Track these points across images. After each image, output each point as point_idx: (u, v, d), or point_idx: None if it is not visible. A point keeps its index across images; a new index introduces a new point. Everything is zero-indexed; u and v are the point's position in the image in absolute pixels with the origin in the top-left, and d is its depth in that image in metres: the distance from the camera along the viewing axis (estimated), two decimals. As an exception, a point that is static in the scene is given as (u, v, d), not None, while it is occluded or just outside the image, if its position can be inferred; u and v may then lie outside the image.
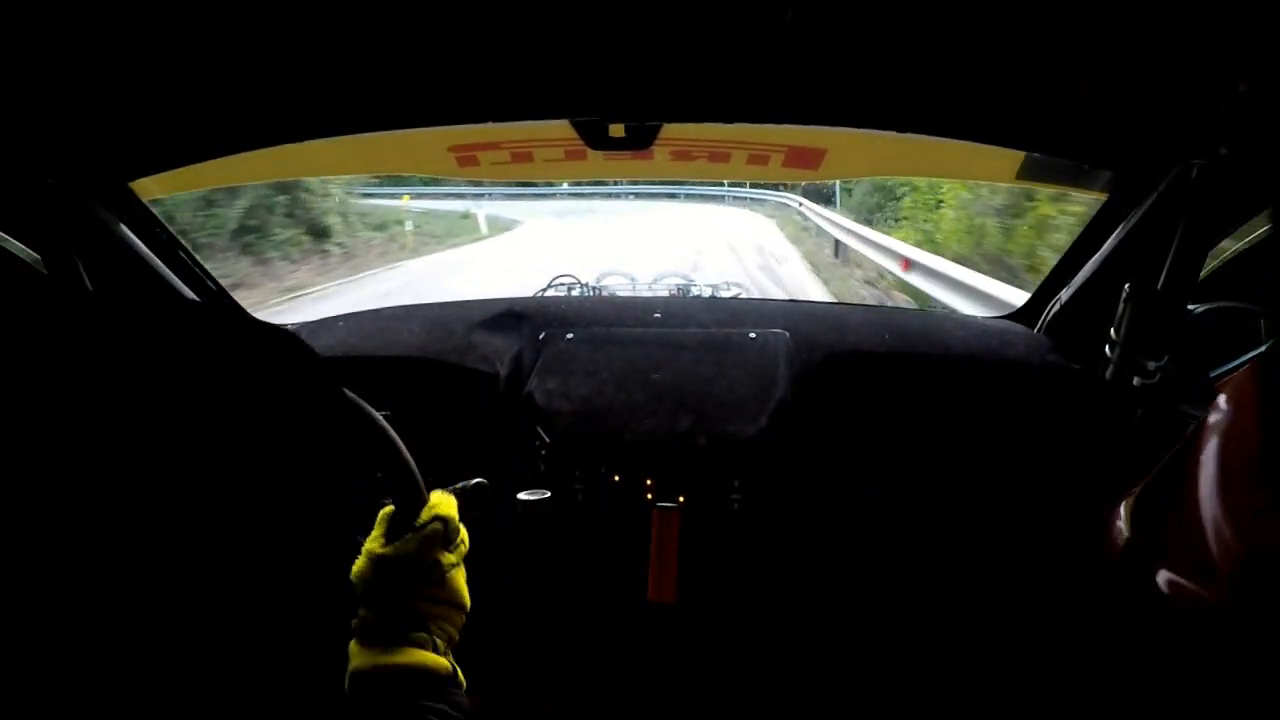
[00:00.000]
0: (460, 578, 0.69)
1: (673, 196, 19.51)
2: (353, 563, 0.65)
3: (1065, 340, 1.26)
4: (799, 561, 1.21)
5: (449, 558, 0.68)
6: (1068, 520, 1.15)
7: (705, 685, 1.19)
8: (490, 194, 18.06)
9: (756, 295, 1.92)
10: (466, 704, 0.63)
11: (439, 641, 0.65)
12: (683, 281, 1.85)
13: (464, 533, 0.71)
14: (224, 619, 0.40)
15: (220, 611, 0.40)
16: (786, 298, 1.61)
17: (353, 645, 0.62)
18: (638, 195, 19.85)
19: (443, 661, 0.64)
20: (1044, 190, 4.10)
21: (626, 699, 1.18)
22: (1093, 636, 1.12)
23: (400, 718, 0.58)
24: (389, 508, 0.67)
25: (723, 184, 16.79)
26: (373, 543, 0.66)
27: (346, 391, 0.60)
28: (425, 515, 0.67)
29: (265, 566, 0.54)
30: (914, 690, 1.21)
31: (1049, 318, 1.30)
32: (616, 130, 1.07)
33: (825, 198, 12.82)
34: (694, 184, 17.33)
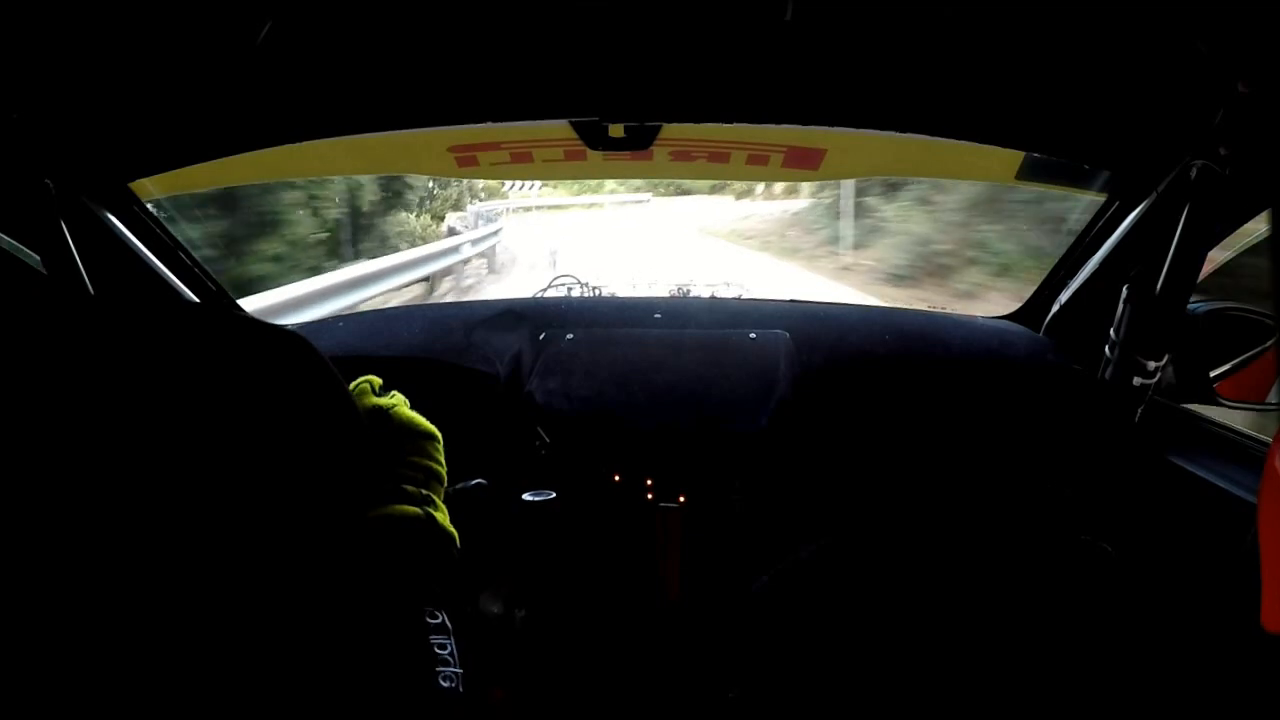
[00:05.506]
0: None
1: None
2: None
3: (1065, 340, 1.25)
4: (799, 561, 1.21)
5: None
6: (1068, 520, 1.15)
7: (707, 684, 1.19)
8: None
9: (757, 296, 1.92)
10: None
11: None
12: (683, 282, 1.85)
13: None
14: (223, 620, 0.40)
15: (220, 613, 0.40)
16: (787, 298, 1.61)
17: None
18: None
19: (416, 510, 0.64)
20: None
21: (629, 697, 1.18)
22: (1092, 635, 1.12)
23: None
24: None
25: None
26: None
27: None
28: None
29: (265, 568, 0.54)
30: (916, 689, 1.21)
31: (1049, 318, 1.30)
32: (616, 131, 1.07)
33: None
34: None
